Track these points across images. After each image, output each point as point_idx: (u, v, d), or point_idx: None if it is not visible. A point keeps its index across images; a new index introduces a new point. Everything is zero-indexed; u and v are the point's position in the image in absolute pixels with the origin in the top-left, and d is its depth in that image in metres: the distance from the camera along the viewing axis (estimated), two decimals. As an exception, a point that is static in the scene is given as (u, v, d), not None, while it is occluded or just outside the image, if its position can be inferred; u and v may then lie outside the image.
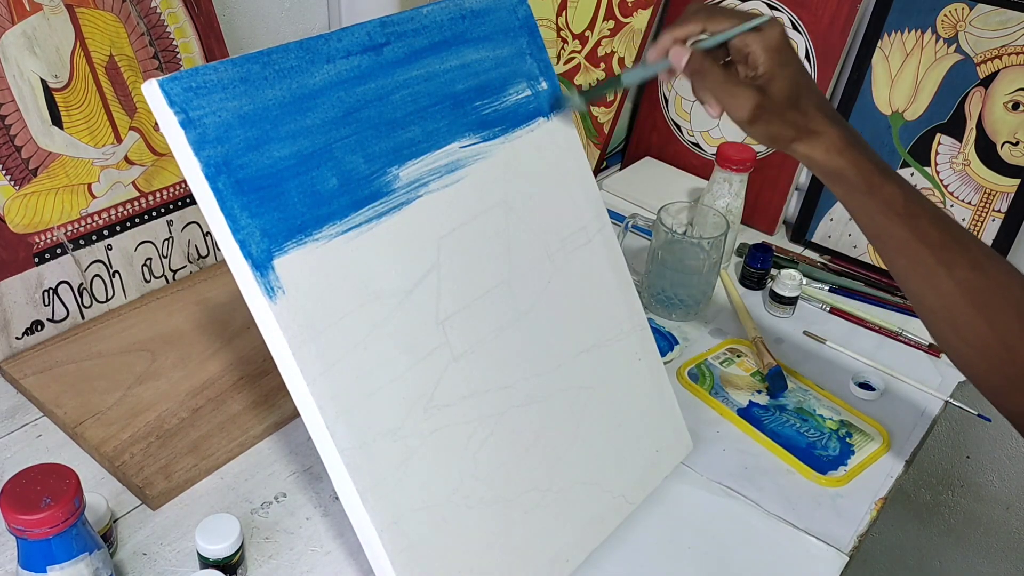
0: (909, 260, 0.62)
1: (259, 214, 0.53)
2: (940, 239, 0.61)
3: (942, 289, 0.61)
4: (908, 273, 0.63)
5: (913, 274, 0.63)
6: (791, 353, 0.98)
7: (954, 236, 0.62)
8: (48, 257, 0.82)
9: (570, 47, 1.21)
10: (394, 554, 0.57)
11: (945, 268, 0.61)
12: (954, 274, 0.61)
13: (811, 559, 0.74)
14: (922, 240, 0.61)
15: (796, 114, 0.62)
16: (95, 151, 0.84)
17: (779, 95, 0.61)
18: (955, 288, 0.61)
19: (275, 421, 0.79)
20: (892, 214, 0.61)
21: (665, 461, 0.77)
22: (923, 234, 0.61)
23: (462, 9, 0.66)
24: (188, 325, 0.88)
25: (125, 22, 0.85)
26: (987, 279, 0.61)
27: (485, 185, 0.66)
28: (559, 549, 0.67)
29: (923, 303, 0.64)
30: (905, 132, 1.12)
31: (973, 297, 0.61)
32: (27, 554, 0.55)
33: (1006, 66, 1.05)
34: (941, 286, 0.61)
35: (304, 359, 0.54)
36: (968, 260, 0.61)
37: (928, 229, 0.61)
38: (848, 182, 0.62)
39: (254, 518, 0.71)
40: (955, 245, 0.61)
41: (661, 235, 0.97)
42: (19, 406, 0.79)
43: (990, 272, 0.61)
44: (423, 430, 0.59)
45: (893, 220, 0.62)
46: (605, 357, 0.73)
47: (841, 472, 0.81)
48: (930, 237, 0.61)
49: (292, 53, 0.56)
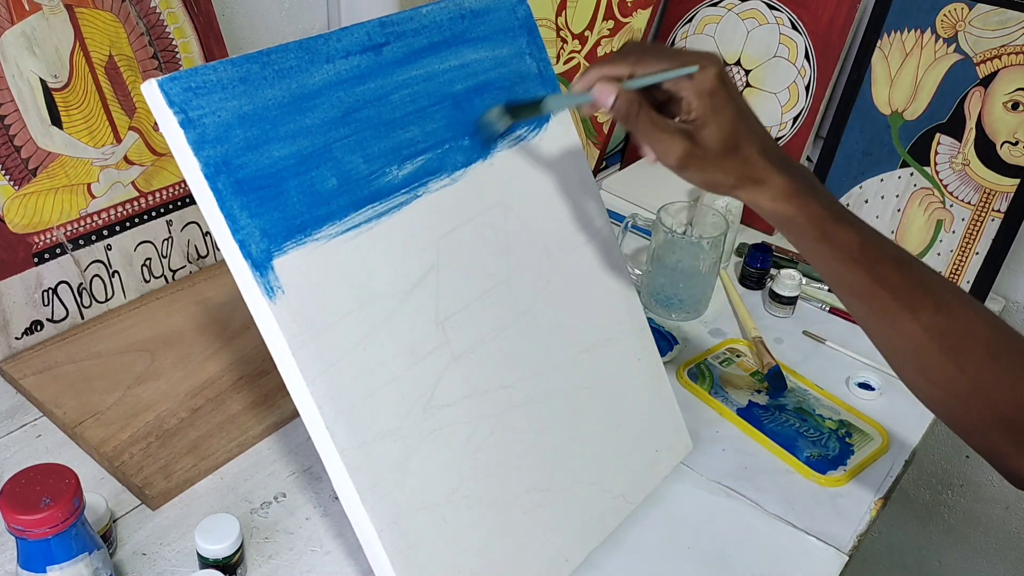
0: (870, 306, 0.60)
1: (259, 214, 0.53)
2: (902, 283, 0.59)
3: (907, 333, 0.59)
4: (870, 318, 0.61)
5: (876, 319, 0.60)
6: (791, 353, 0.98)
7: (916, 279, 0.59)
8: (47, 257, 0.82)
9: (570, 47, 1.21)
10: (394, 554, 0.57)
11: (909, 312, 0.58)
12: (919, 318, 0.58)
13: (811, 559, 0.74)
14: (882, 285, 0.59)
15: (734, 161, 0.58)
16: (94, 151, 0.84)
17: (712, 142, 0.58)
18: (921, 332, 0.58)
19: (275, 421, 0.79)
20: (848, 260, 0.59)
21: (665, 461, 0.77)
22: (883, 279, 0.59)
23: (461, 9, 0.66)
24: (188, 325, 0.88)
25: (124, 22, 0.85)
26: (953, 321, 0.59)
27: (484, 185, 0.66)
28: (559, 549, 0.67)
29: (888, 347, 0.62)
30: (905, 132, 1.12)
31: (940, 341, 0.58)
32: (27, 554, 0.55)
33: (1005, 66, 1.05)
34: (906, 330, 0.59)
35: (304, 359, 0.54)
36: (933, 303, 0.58)
37: (888, 274, 0.59)
38: (798, 229, 0.59)
39: (254, 518, 0.71)
40: (918, 288, 0.59)
41: (661, 235, 0.97)
42: (19, 406, 0.79)
43: (956, 313, 0.59)
44: (423, 430, 0.59)
45: (849, 267, 0.59)
46: (605, 357, 0.73)
47: (840, 472, 0.81)
48: (891, 282, 0.59)
49: (291, 53, 0.56)
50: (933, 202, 1.12)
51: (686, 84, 0.58)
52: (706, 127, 0.58)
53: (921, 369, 0.60)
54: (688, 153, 0.58)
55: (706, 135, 0.58)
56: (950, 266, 1.11)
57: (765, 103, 1.22)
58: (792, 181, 0.59)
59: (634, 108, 0.58)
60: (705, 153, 0.58)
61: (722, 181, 0.59)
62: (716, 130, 0.58)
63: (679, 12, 1.29)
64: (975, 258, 1.10)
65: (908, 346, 0.60)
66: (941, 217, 1.11)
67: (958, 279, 1.11)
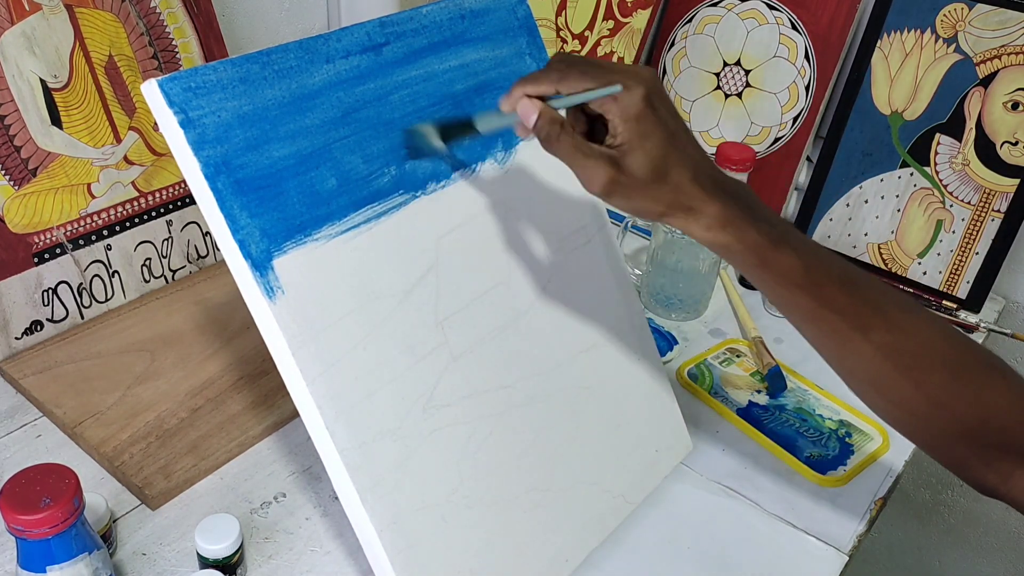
0: (819, 329, 0.58)
1: (258, 214, 0.53)
2: (850, 304, 0.57)
3: (860, 354, 0.57)
4: (821, 341, 0.59)
5: (827, 341, 0.59)
6: (791, 353, 0.98)
7: (865, 298, 0.57)
8: (47, 257, 0.82)
9: (569, 47, 1.21)
10: (393, 554, 0.57)
11: (860, 333, 0.57)
12: (871, 338, 0.57)
13: (811, 559, 0.74)
14: (830, 308, 0.57)
15: (663, 189, 0.54)
16: (94, 151, 0.84)
17: (638, 169, 0.54)
18: (874, 352, 0.57)
19: (275, 421, 0.79)
20: (792, 285, 0.56)
21: (665, 461, 0.77)
22: (830, 302, 0.56)
23: (461, 9, 0.66)
24: (187, 325, 0.88)
25: (124, 22, 0.85)
26: (907, 339, 0.57)
27: (484, 185, 0.66)
28: (559, 549, 0.67)
29: (842, 368, 0.60)
30: (904, 132, 1.12)
31: (895, 360, 0.57)
32: (26, 554, 0.55)
33: (1005, 66, 1.05)
34: (859, 351, 0.57)
35: (303, 359, 0.54)
36: (884, 322, 0.57)
37: (835, 296, 0.56)
38: (737, 256, 0.56)
39: (254, 518, 0.71)
40: (867, 308, 0.57)
41: (660, 235, 0.97)
42: (18, 406, 0.79)
43: (909, 331, 0.57)
44: (422, 430, 0.59)
45: (794, 291, 0.57)
46: (604, 357, 0.73)
47: (840, 472, 0.81)
48: (838, 304, 0.56)
49: (291, 53, 0.56)
50: (933, 202, 1.12)
51: (612, 106, 0.54)
52: (632, 153, 0.54)
53: (878, 389, 0.59)
54: (612, 180, 0.54)
55: (632, 161, 0.54)
56: (950, 266, 1.11)
57: (765, 103, 1.22)
58: (726, 208, 0.55)
59: (555, 130, 0.54)
60: (631, 181, 0.54)
61: (651, 209, 0.55)
62: (643, 156, 0.54)
63: (679, 12, 1.29)
64: (975, 258, 1.09)
65: (862, 367, 0.58)
66: (941, 217, 1.11)
67: (958, 279, 1.11)
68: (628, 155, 0.54)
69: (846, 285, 0.57)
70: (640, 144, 0.54)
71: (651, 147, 0.54)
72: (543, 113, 0.55)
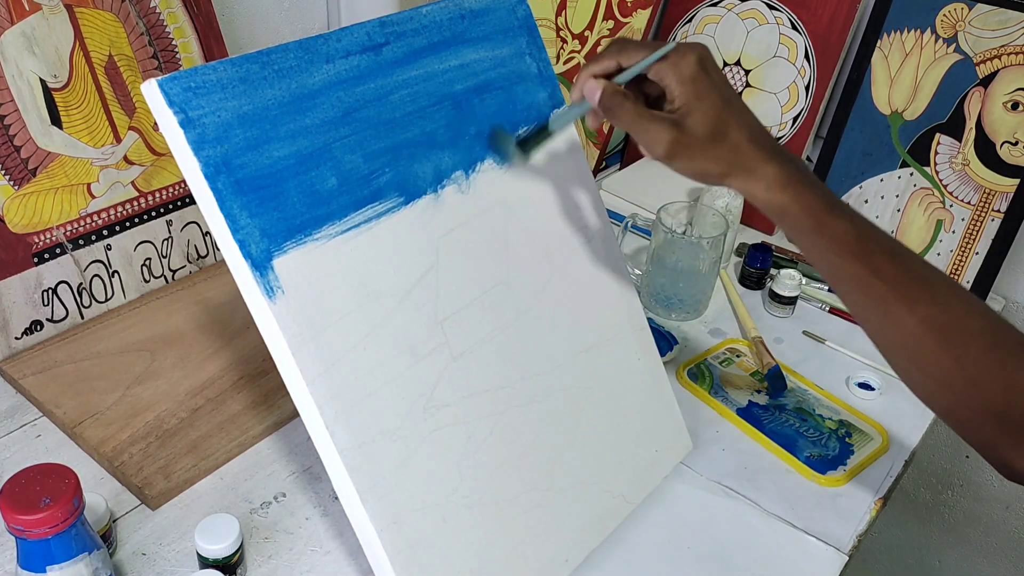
0: (867, 297, 0.59)
1: (258, 214, 0.53)
2: (898, 275, 0.58)
3: (903, 326, 0.58)
4: (867, 310, 0.60)
5: (872, 311, 0.60)
6: (790, 353, 0.98)
7: (913, 271, 0.59)
8: (47, 257, 0.82)
9: (569, 47, 1.21)
10: (393, 554, 0.57)
11: (905, 304, 0.58)
12: (915, 310, 0.58)
13: (811, 559, 0.74)
14: (878, 277, 0.58)
15: (723, 148, 0.57)
16: (94, 151, 0.84)
17: (698, 129, 0.57)
18: (917, 325, 0.58)
19: (275, 421, 0.79)
20: (844, 251, 0.58)
21: (664, 461, 0.77)
22: (880, 270, 0.58)
23: (461, 9, 0.66)
24: (187, 325, 0.88)
25: (124, 22, 0.85)
26: (949, 314, 0.58)
27: (484, 185, 0.66)
28: (558, 549, 0.67)
29: (883, 339, 0.61)
30: (904, 132, 1.12)
31: (937, 334, 0.58)
32: (26, 554, 0.55)
33: (1005, 66, 1.05)
34: (902, 323, 0.58)
35: (303, 359, 0.54)
36: (929, 295, 0.58)
37: (885, 265, 0.58)
38: (793, 219, 0.58)
39: (253, 518, 0.71)
40: (914, 281, 0.58)
41: (660, 235, 0.97)
42: (18, 406, 0.79)
43: (952, 306, 0.58)
44: (422, 430, 0.59)
45: (846, 257, 0.58)
46: (604, 357, 0.73)
47: (840, 472, 0.81)
48: (887, 273, 0.58)
49: (291, 53, 0.56)
50: (933, 202, 1.12)
51: (668, 72, 0.58)
52: (691, 115, 0.57)
53: (916, 362, 0.60)
54: (674, 140, 0.57)
55: (691, 122, 0.57)
56: (950, 266, 1.11)
57: (765, 103, 1.22)
58: (784, 170, 0.57)
59: (617, 99, 0.58)
60: (692, 141, 0.57)
61: (712, 170, 0.58)
62: (701, 116, 0.57)
63: (679, 12, 1.29)
64: (975, 258, 1.10)
65: (904, 339, 0.59)
66: (941, 217, 1.11)
67: (958, 279, 1.11)
68: (688, 116, 0.57)
69: (895, 256, 0.59)
70: (698, 105, 0.57)
71: (708, 107, 0.57)
72: (606, 88, 0.59)
